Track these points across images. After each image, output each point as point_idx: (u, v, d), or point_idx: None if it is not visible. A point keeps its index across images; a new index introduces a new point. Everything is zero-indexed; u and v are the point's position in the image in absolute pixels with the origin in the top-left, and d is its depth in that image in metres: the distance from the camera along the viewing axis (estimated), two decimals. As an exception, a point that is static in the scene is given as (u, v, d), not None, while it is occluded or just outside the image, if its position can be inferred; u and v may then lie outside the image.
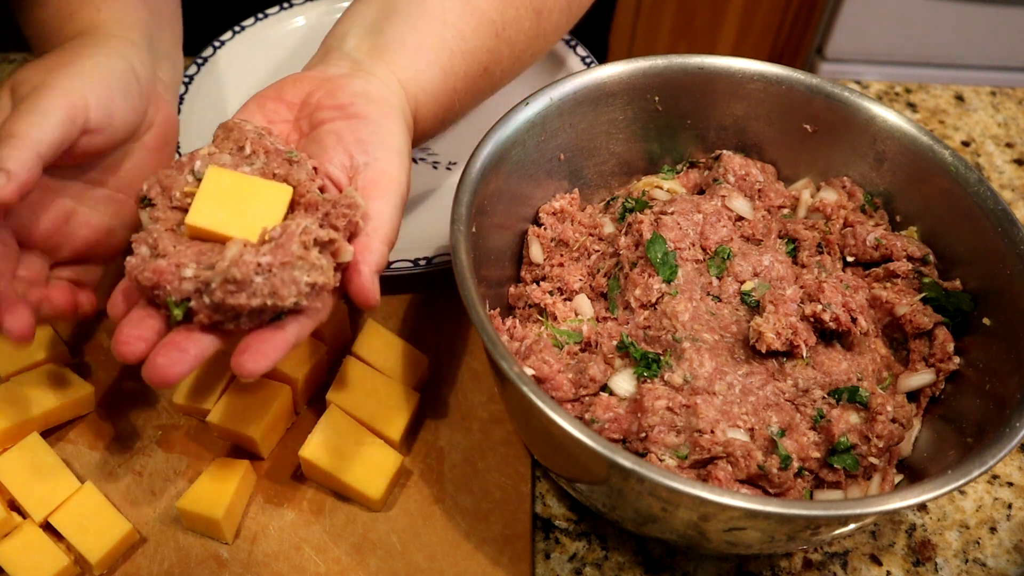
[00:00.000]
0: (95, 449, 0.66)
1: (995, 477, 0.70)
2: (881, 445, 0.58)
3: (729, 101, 0.71)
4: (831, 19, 1.85)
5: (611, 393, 0.60)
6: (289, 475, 0.65)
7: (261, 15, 0.92)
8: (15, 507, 0.61)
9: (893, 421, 0.58)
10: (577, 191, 0.71)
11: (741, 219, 0.69)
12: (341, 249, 0.52)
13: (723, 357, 0.60)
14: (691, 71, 0.70)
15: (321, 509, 0.64)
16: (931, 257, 0.66)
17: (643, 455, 0.58)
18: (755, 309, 0.62)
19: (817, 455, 0.58)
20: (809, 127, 0.70)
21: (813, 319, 0.60)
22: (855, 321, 0.60)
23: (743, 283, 0.64)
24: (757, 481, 0.57)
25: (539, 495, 0.67)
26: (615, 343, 0.61)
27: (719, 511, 0.50)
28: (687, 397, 0.58)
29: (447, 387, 0.71)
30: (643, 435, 0.57)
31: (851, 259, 0.67)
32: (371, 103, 0.59)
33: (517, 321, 0.63)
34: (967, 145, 0.96)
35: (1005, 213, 0.61)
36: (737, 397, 0.59)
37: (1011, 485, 0.70)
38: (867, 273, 0.67)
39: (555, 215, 0.70)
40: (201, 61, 0.86)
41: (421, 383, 0.70)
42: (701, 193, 0.72)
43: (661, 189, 0.71)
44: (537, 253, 0.68)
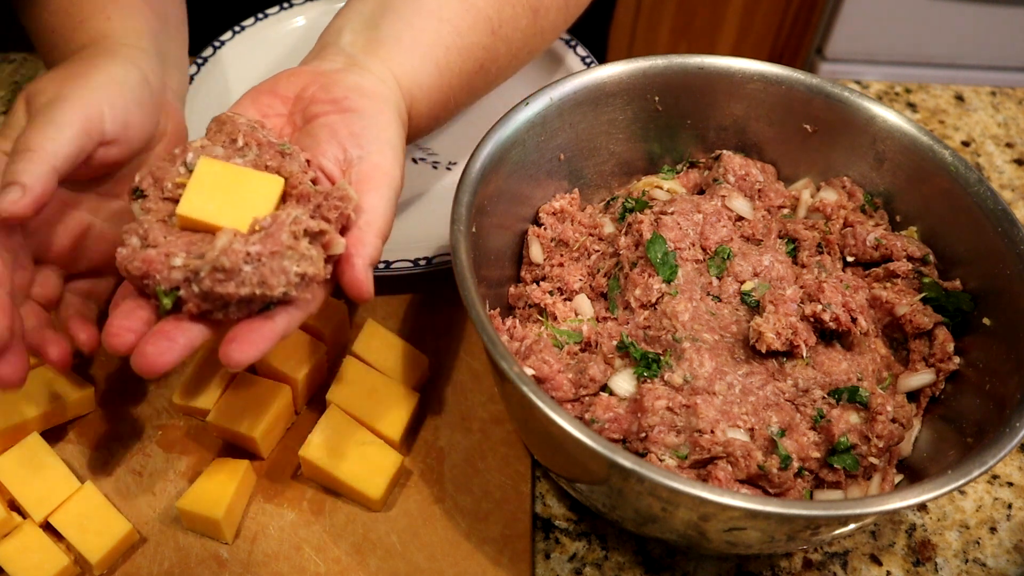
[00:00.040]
0: (95, 449, 0.66)
1: (995, 477, 0.70)
2: (881, 445, 0.58)
3: (729, 101, 0.71)
4: (831, 19, 1.85)
5: (611, 393, 0.60)
6: (289, 475, 0.65)
7: (261, 15, 0.92)
8: (15, 507, 0.61)
9: (893, 421, 0.58)
10: (577, 191, 0.71)
11: (741, 219, 0.69)
12: (333, 241, 0.52)
13: (723, 357, 0.60)
14: (691, 71, 0.70)
15: (321, 509, 0.64)
16: (931, 257, 0.66)
17: (643, 455, 0.58)
18: (755, 309, 0.62)
19: (817, 455, 0.58)
20: (809, 127, 0.70)
21: (813, 319, 0.60)
22: (855, 321, 0.60)
23: (743, 283, 0.64)
24: (757, 481, 0.57)
25: (539, 495, 0.67)
26: (615, 343, 0.61)
27: (719, 511, 0.50)
28: (687, 397, 0.58)
29: (447, 387, 0.71)
30: (643, 435, 0.57)
31: (851, 259, 0.67)
32: (365, 97, 0.59)
33: (517, 321, 0.63)
34: (967, 145, 0.96)
35: (1005, 213, 0.61)
36: (737, 397, 0.59)
37: (1011, 485, 0.70)
38: (867, 273, 0.67)
39: (555, 215, 0.70)
40: (201, 61, 0.86)
41: (421, 383, 0.70)
42: (701, 193, 0.72)
43: (661, 189, 0.71)
44: (537, 253, 0.68)
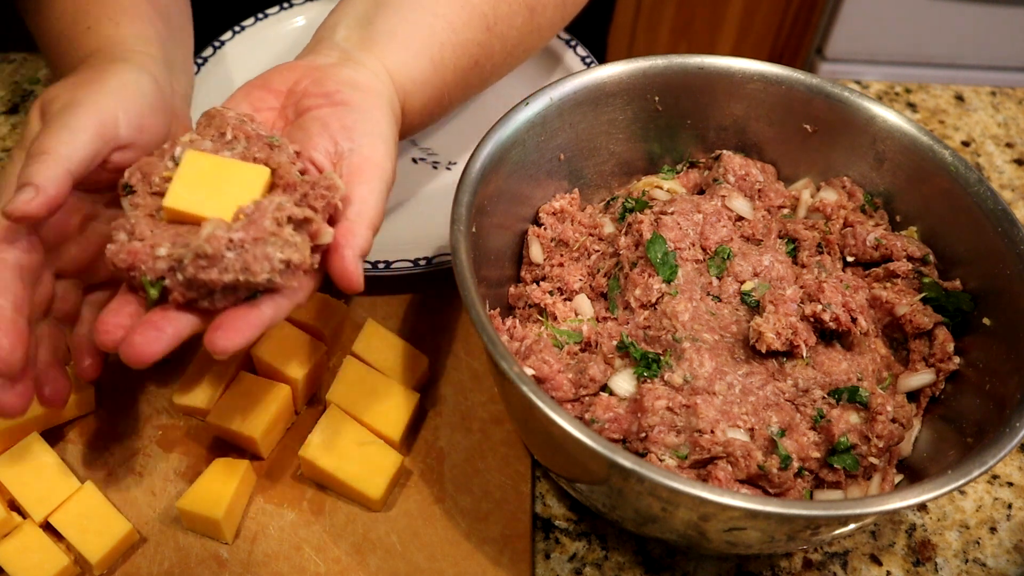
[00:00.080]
0: (95, 449, 0.66)
1: (995, 477, 0.70)
2: (881, 445, 0.58)
3: (729, 101, 0.71)
4: (831, 19, 1.85)
5: (611, 393, 0.60)
6: (289, 475, 0.65)
7: (261, 15, 0.92)
8: (15, 507, 0.61)
9: (893, 421, 0.58)
10: (577, 191, 0.71)
11: (741, 219, 0.69)
12: (321, 231, 0.52)
13: (723, 357, 0.60)
14: (691, 71, 0.70)
15: (321, 509, 0.64)
16: (931, 257, 0.66)
17: (643, 455, 0.57)
18: (755, 309, 0.62)
19: (817, 455, 0.58)
20: (809, 127, 0.70)
21: (813, 319, 0.60)
22: (855, 321, 0.60)
23: (743, 283, 0.64)
24: (757, 481, 0.57)
25: (539, 495, 0.67)
26: (615, 343, 0.61)
27: (719, 511, 0.50)
28: (687, 397, 0.58)
29: (447, 387, 0.71)
30: (643, 435, 0.57)
31: (851, 259, 0.67)
32: (357, 91, 0.59)
33: (517, 321, 0.63)
34: (967, 145, 0.96)
35: (1005, 213, 0.61)
36: (737, 397, 0.59)
37: (1011, 485, 0.70)
38: (867, 273, 0.67)
39: (555, 215, 0.70)
40: (201, 61, 0.86)
41: (421, 383, 0.70)
42: (701, 193, 0.72)
43: (661, 189, 0.71)
44: (537, 253, 0.68)
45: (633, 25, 1.93)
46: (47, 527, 0.61)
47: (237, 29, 0.90)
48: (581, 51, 0.90)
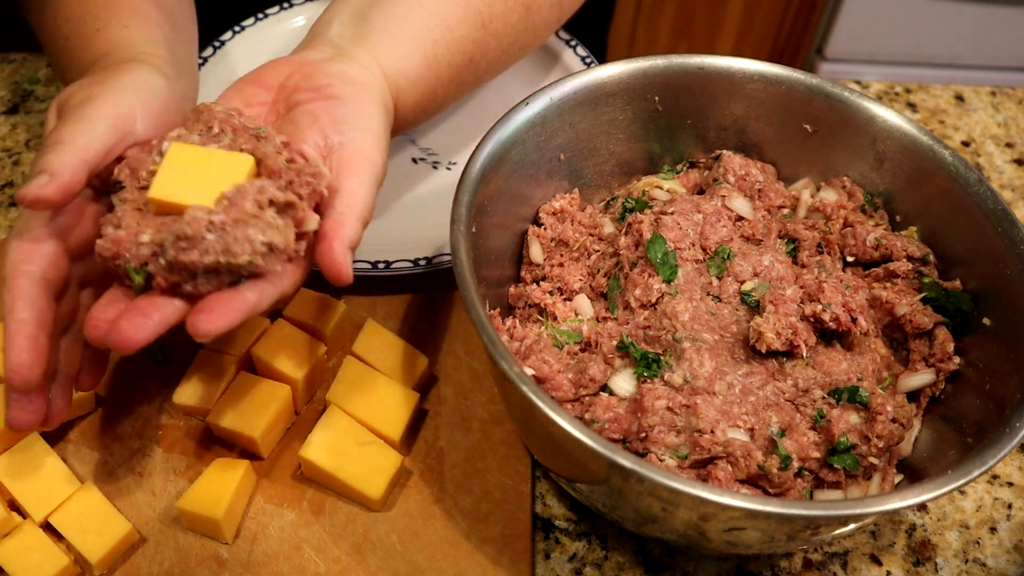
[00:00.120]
0: (95, 449, 0.66)
1: (995, 477, 0.70)
2: (881, 445, 0.58)
3: (729, 101, 0.71)
4: (831, 19, 1.86)
5: (611, 393, 0.60)
6: (289, 475, 0.65)
7: (261, 15, 0.92)
8: (15, 507, 0.61)
9: (893, 421, 0.58)
10: (577, 191, 0.71)
11: (741, 219, 0.69)
12: (306, 218, 0.52)
13: (723, 357, 0.60)
14: (691, 71, 0.70)
15: (321, 509, 0.64)
16: (931, 257, 0.66)
17: (643, 455, 0.57)
18: (755, 309, 0.62)
19: (817, 455, 0.58)
20: (809, 127, 0.70)
21: (813, 319, 0.60)
22: (855, 321, 0.60)
23: (743, 283, 0.64)
24: (757, 481, 0.57)
25: (539, 495, 0.67)
26: (615, 343, 0.61)
27: (719, 511, 0.50)
28: (687, 397, 0.58)
29: (447, 387, 0.71)
30: (643, 435, 0.57)
31: (851, 259, 0.67)
32: (348, 85, 0.59)
33: (517, 321, 0.63)
34: (967, 145, 0.96)
35: (1005, 213, 0.61)
36: (737, 397, 0.59)
37: (1011, 485, 0.70)
38: (867, 273, 0.67)
39: (555, 215, 0.70)
40: (201, 61, 0.86)
41: (421, 383, 0.70)
42: (701, 193, 0.72)
43: (661, 189, 0.71)
44: (537, 253, 0.68)
45: (633, 25, 1.93)
46: (47, 527, 0.61)
47: (237, 29, 0.90)
48: (581, 51, 0.90)
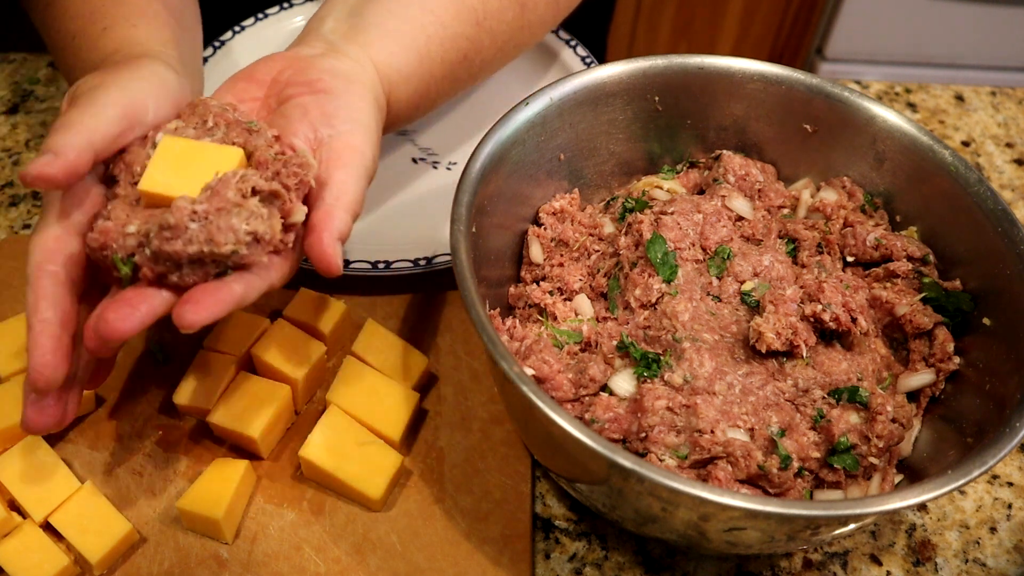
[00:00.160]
0: (95, 449, 0.66)
1: (995, 477, 0.70)
2: (881, 445, 0.58)
3: (729, 101, 0.71)
4: (831, 19, 1.86)
5: (611, 393, 0.60)
6: (289, 475, 0.65)
7: (261, 15, 0.92)
8: (15, 507, 0.61)
9: (893, 421, 0.58)
10: (577, 191, 0.71)
11: (741, 219, 0.69)
12: (293, 208, 0.52)
13: (723, 357, 0.60)
14: (691, 71, 0.70)
15: (321, 509, 0.64)
16: (931, 257, 0.66)
17: (643, 455, 0.57)
18: (755, 309, 0.62)
19: (817, 455, 0.58)
20: (809, 127, 0.70)
21: (813, 319, 0.60)
22: (855, 321, 0.60)
23: (743, 283, 0.64)
24: (757, 481, 0.57)
25: (539, 495, 0.67)
26: (615, 343, 0.61)
27: (719, 511, 0.50)
28: (687, 397, 0.58)
29: (447, 387, 0.71)
30: (643, 435, 0.57)
31: (851, 259, 0.67)
32: (338, 79, 0.59)
33: (517, 321, 0.63)
34: (967, 145, 0.96)
35: (1005, 213, 0.61)
36: (737, 397, 0.59)
37: (1011, 485, 0.70)
38: (867, 273, 0.67)
39: (555, 215, 0.70)
40: (202, 61, 0.86)
41: (421, 383, 0.70)
42: (701, 193, 0.72)
43: (661, 189, 0.71)
44: (537, 253, 0.68)
45: (633, 25, 1.93)
46: (47, 527, 0.61)
47: (237, 29, 0.90)
48: (581, 51, 0.90)
